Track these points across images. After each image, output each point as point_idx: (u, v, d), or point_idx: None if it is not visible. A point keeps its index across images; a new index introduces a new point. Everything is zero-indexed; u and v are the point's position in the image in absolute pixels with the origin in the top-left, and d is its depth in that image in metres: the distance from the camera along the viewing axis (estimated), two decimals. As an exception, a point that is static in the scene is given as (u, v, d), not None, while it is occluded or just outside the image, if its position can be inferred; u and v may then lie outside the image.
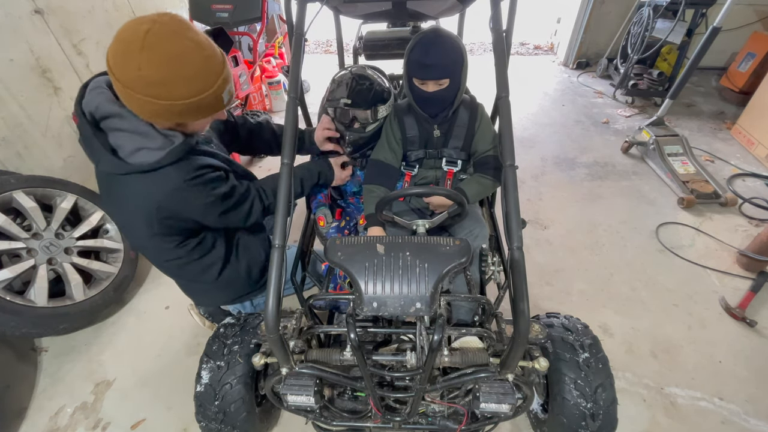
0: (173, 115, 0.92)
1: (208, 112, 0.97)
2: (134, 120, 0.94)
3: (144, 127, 0.95)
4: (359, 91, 1.46)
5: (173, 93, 0.86)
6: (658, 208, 2.52)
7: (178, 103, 0.88)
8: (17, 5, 2.06)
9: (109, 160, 0.94)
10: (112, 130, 0.95)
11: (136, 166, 0.94)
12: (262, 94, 3.66)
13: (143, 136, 0.94)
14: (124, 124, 0.94)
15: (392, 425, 1.10)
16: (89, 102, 0.95)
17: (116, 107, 0.93)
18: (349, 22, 2.12)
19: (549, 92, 4.15)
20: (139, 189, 0.98)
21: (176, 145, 0.97)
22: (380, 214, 1.30)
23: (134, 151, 0.94)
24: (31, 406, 1.60)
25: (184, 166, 1.01)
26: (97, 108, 0.93)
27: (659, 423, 1.48)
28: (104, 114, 0.93)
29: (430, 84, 1.31)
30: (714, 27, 2.43)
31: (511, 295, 0.84)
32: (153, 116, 0.92)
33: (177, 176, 0.99)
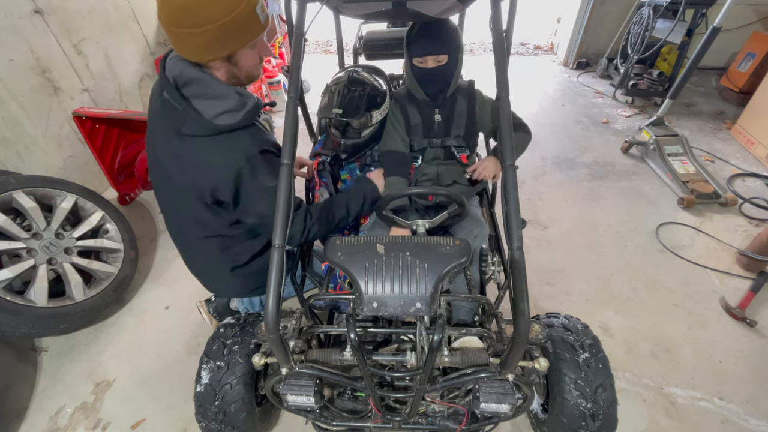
0: (218, 44, 0.97)
1: (249, 34, 1.00)
2: (213, 83, 1.03)
3: (222, 89, 1.03)
4: (351, 100, 1.45)
5: (209, 14, 0.91)
6: (658, 208, 2.52)
7: (216, 26, 0.92)
8: (17, 5, 2.06)
9: (196, 119, 1.01)
10: (194, 98, 1.03)
11: (220, 127, 1.02)
12: (262, 94, 3.66)
13: (222, 99, 1.03)
14: (204, 89, 1.02)
15: (392, 425, 1.10)
16: (172, 67, 1.03)
17: (198, 71, 1.02)
18: (349, 22, 2.11)
19: (549, 92, 4.15)
20: (220, 149, 1.04)
21: (249, 107, 1.07)
22: (380, 214, 1.30)
23: (216, 115, 1.02)
24: (31, 406, 1.60)
25: (258, 134, 1.11)
26: (181, 72, 1.01)
27: (659, 423, 1.48)
28: (187, 79, 1.01)
29: (430, 60, 1.37)
30: (714, 27, 2.43)
31: (511, 295, 0.84)
32: (203, 51, 0.98)
33: (253, 143, 1.07)
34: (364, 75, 1.54)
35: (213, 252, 1.30)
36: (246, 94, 1.09)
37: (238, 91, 1.06)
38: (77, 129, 2.29)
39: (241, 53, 1.03)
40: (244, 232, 1.26)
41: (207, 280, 1.46)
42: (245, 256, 1.32)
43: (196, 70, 1.02)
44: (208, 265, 1.38)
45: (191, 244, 1.32)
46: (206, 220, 1.19)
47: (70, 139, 2.44)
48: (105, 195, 2.11)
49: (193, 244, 1.31)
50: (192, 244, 1.31)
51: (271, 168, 1.10)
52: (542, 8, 5.61)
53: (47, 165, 2.31)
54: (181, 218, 1.26)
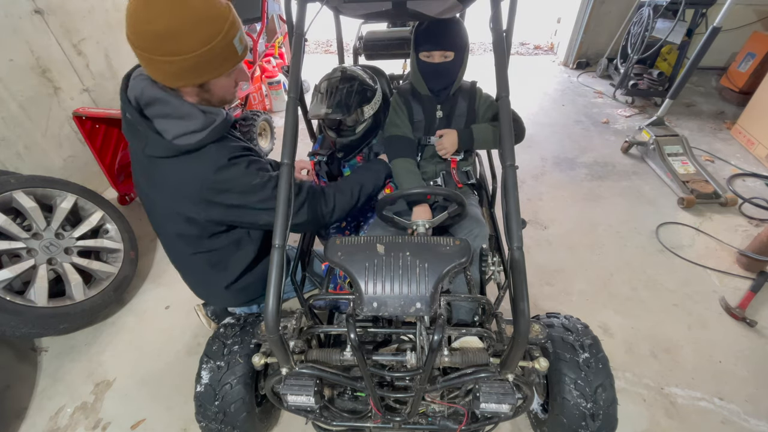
0: (191, 73, 0.94)
1: (224, 65, 0.98)
2: (176, 102, 0.98)
3: (186, 108, 0.99)
4: (340, 98, 1.44)
5: (184, 44, 0.88)
6: (658, 208, 2.52)
7: (191, 56, 0.90)
8: (17, 5, 2.06)
9: (158, 142, 0.98)
10: (157, 117, 0.99)
11: (182, 147, 0.98)
12: (262, 94, 3.66)
13: (186, 119, 0.99)
14: (167, 109, 0.98)
15: (392, 425, 1.10)
16: (134, 87, 0.99)
17: (159, 91, 0.98)
18: (349, 22, 2.12)
19: (549, 92, 4.16)
20: (186, 169, 1.01)
21: (217, 123, 1.02)
22: (380, 214, 1.30)
23: (179, 135, 0.98)
24: (31, 406, 1.60)
25: (226, 145, 1.06)
26: (142, 92, 0.98)
27: (659, 423, 1.48)
28: (149, 99, 0.98)
29: (436, 55, 1.38)
30: (714, 27, 2.43)
31: (511, 295, 0.83)
32: (175, 78, 0.95)
33: (220, 154, 1.03)
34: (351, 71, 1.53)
35: (203, 268, 1.29)
36: (212, 111, 1.04)
37: (203, 110, 1.01)
38: (77, 129, 2.29)
39: (215, 81, 1.01)
40: (230, 244, 1.24)
41: (202, 294, 1.47)
42: (236, 271, 1.30)
43: (159, 90, 0.98)
44: (201, 281, 1.38)
45: (182, 261, 1.32)
46: (190, 235, 1.17)
47: (70, 139, 2.44)
48: (105, 195, 2.11)
49: (183, 261, 1.31)
50: (183, 260, 1.31)
51: (247, 168, 1.06)
52: (542, 8, 5.62)
53: (47, 165, 2.31)
54: (168, 235, 1.24)
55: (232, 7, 0.95)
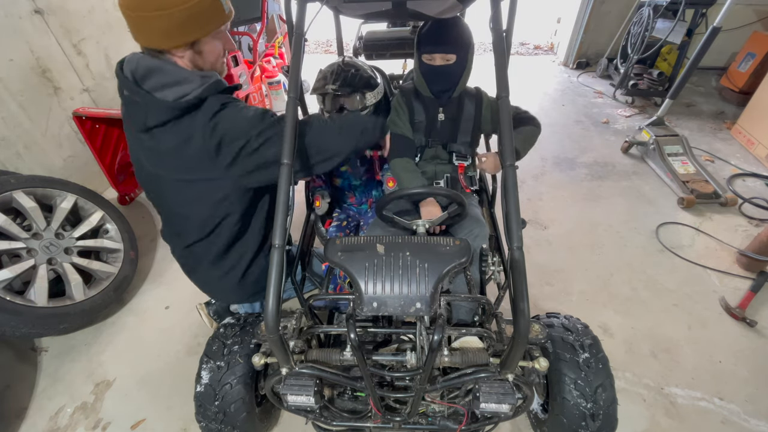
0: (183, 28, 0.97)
1: (213, 21, 1.01)
2: (173, 69, 1.00)
3: (182, 73, 1.01)
4: (345, 78, 1.46)
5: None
6: (658, 208, 2.52)
7: (181, 9, 0.93)
8: (17, 5, 2.06)
9: (160, 106, 1.00)
10: (155, 90, 1.00)
11: (183, 104, 1.00)
12: (262, 94, 3.66)
13: (183, 84, 1.00)
14: (164, 78, 1.00)
15: (392, 425, 1.10)
16: (130, 62, 1.01)
17: (155, 61, 1.00)
18: (349, 22, 2.12)
19: (549, 92, 4.16)
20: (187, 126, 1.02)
21: (212, 80, 1.04)
22: (380, 213, 1.30)
23: (178, 98, 1.00)
24: (31, 406, 1.60)
25: (222, 97, 1.07)
26: (138, 65, 1.00)
27: (659, 423, 1.48)
28: (145, 70, 0.99)
29: (437, 58, 1.37)
30: (714, 27, 2.43)
31: (511, 295, 0.83)
32: (167, 36, 0.96)
33: (215, 103, 1.04)
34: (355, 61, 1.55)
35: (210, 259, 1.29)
36: (208, 74, 1.06)
37: (200, 74, 1.04)
38: (77, 129, 2.29)
39: (205, 42, 1.03)
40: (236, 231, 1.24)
41: (206, 289, 1.47)
42: (242, 265, 1.31)
43: (154, 59, 1.00)
44: (206, 275, 1.38)
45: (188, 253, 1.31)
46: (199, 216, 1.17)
47: (70, 139, 2.44)
48: (105, 195, 2.11)
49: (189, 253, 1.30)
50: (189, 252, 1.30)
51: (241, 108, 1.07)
52: (542, 8, 5.62)
53: (47, 165, 2.31)
54: (174, 218, 1.25)
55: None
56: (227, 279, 1.34)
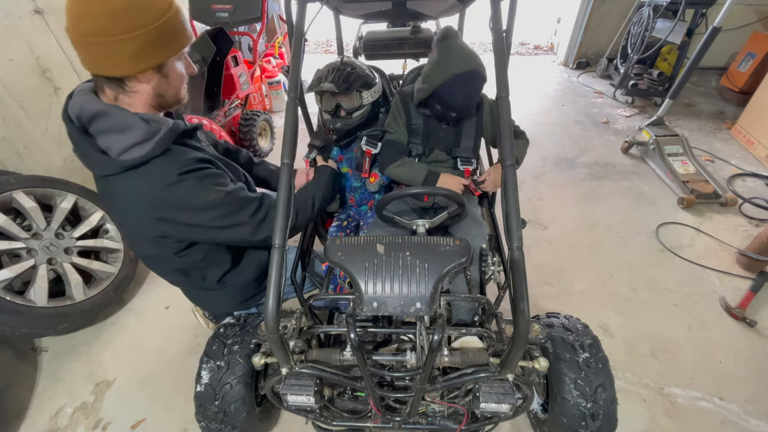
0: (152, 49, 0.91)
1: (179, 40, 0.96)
2: (118, 114, 0.93)
3: (128, 119, 0.93)
4: (342, 76, 1.45)
5: (143, 16, 0.87)
6: (658, 208, 2.52)
7: (151, 29, 0.88)
8: (17, 5, 2.06)
9: (102, 160, 0.94)
10: (100, 134, 0.95)
11: (127, 162, 0.93)
12: (262, 94, 3.66)
13: (128, 131, 0.93)
14: (108, 123, 0.93)
15: (392, 425, 1.10)
16: (73, 106, 0.95)
17: (99, 104, 0.94)
18: (349, 22, 2.12)
19: (549, 92, 4.16)
20: (133, 186, 0.97)
21: (162, 133, 0.96)
22: (380, 213, 1.30)
23: (124, 149, 0.93)
24: (31, 406, 1.60)
25: (176, 157, 0.99)
26: (82, 109, 0.94)
27: (659, 423, 1.48)
28: (90, 114, 0.93)
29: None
30: (714, 27, 2.43)
31: (511, 295, 0.83)
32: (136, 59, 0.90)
33: (169, 168, 0.96)
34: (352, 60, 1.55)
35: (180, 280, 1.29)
36: (157, 120, 0.97)
37: (145, 119, 0.95)
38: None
39: (171, 64, 0.97)
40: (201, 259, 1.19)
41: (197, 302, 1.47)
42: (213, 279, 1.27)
43: (99, 103, 0.94)
44: (185, 290, 1.38)
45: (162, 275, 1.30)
46: (156, 255, 1.14)
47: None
48: (105, 195, 2.11)
49: (163, 275, 1.29)
50: (162, 274, 1.29)
51: (200, 183, 1.00)
52: (542, 8, 5.62)
53: (47, 165, 2.30)
54: (138, 254, 1.22)
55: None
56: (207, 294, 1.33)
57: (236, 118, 2.94)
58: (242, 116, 2.95)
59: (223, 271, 1.27)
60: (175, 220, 1.01)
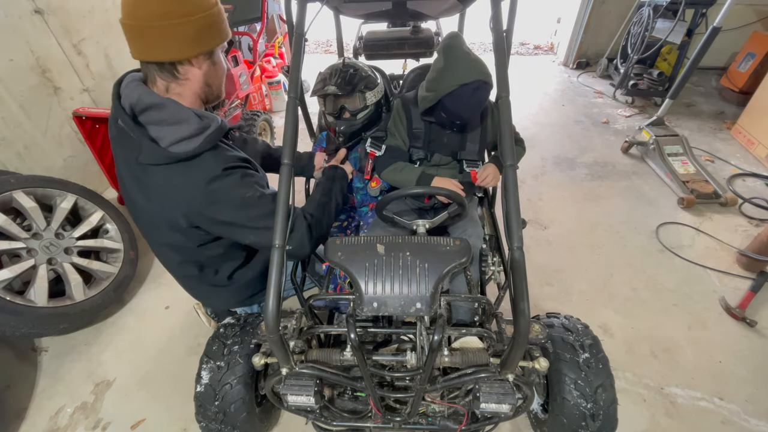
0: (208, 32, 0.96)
1: (224, 29, 1.02)
2: (173, 107, 0.97)
3: (183, 113, 0.98)
4: (344, 78, 1.46)
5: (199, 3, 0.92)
6: (658, 208, 2.52)
7: (207, 14, 0.93)
8: (17, 5, 2.06)
9: (152, 149, 0.96)
10: (152, 124, 0.98)
11: (177, 155, 0.96)
12: (262, 94, 3.66)
13: (181, 124, 0.97)
14: (163, 114, 0.97)
15: (392, 425, 1.10)
16: (129, 95, 0.98)
17: (157, 97, 0.97)
18: (349, 22, 2.12)
19: (549, 92, 4.16)
20: (178, 177, 0.99)
21: (212, 129, 1.00)
22: (380, 214, 1.30)
23: (174, 142, 0.97)
24: (31, 406, 1.60)
25: (221, 153, 1.03)
26: (139, 99, 0.96)
27: (659, 423, 1.48)
28: (146, 105, 0.96)
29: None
30: (714, 27, 2.43)
31: (511, 295, 0.84)
32: (192, 43, 0.95)
33: (215, 163, 1.00)
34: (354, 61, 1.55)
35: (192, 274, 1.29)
36: (208, 116, 1.02)
37: (198, 114, 1.00)
38: (77, 129, 2.29)
39: (218, 52, 1.03)
40: (219, 254, 1.22)
41: (196, 296, 1.46)
42: (225, 274, 1.29)
43: (155, 95, 0.97)
44: (194, 285, 1.38)
45: (172, 268, 1.31)
46: (179, 245, 1.15)
47: (70, 139, 2.44)
48: (105, 195, 2.11)
49: (174, 268, 1.30)
50: (173, 268, 1.30)
51: (242, 180, 1.04)
52: (542, 8, 5.62)
53: (47, 165, 2.31)
54: (155, 242, 1.23)
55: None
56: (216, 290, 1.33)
57: (236, 118, 2.94)
58: (242, 116, 2.95)
59: (234, 266, 1.29)
60: (210, 213, 1.03)
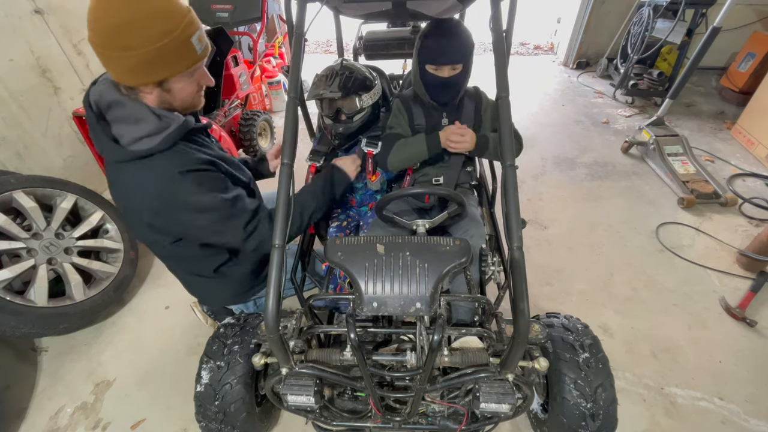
0: (148, 68, 0.93)
1: (182, 62, 0.97)
2: (132, 106, 0.98)
3: (141, 112, 0.98)
4: (341, 81, 1.46)
5: (139, 37, 0.87)
6: (658, 208, 2.52)
7: (146, 50, 0.89)
8: (17, 5, 2.06)
9: (111, 147, 0.99)
10: (115, 122, 0.99)
11: (135, 153, 0.97)
12: (262, 94, 3.66)
13: (140, 123, 0.97)
14: (123, 112, 0.98)
15: (392, 425, 1.10)
16: (94, 92, 1.00)
17: (117, 95, 0.98)
18: (349, 22, 2.12)
19: (549, 92, 4.15)
20: (138, 176, 1.00)
21: (171, 129, 0.99)
22: (380, 213, 1.30)
23: (134, 140, 0.98)
24: (31, 406, 1.60)
25: (179, 155, 1.02)
26: (101, 96, 0.98)
27: (659, 423, 1.48)
28: (107, 102, 0.98)
29: (446, 69, 1.34)
30: (714, 27, 2.43)
31: (511, 295, 0.84)
32: (131, 75, 0.94)
33: (170, 165, 1.00)
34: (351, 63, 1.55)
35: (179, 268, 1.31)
36: (169, 116, 1.01)
37: (158, 114, 0.99)
38: (77, 129, 2.29)
39: (175, 81, 0.99)
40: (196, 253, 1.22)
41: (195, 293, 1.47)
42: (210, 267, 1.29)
43: (116, 93, 0.98)
44: (183, 279, 1.39)
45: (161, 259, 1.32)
46: (154, 241, 1.16)
47: (70, 139, 2.44)
48: (105, 195, 2.10)
49: (162, 260, 1.32)
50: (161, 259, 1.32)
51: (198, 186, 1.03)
52: (542, 8, 5.62)
53: (47, 165, 2.31)
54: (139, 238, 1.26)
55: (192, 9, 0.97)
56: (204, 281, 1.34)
57: (236, 118, 2.94)
58: (242, 116, 2.95)
59: (219, 262, 1.29)
60: (168, 215, 1.05)
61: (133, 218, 1.11)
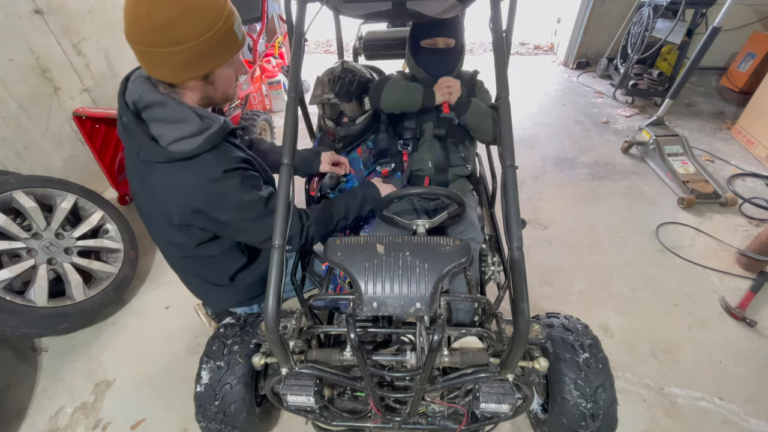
0: (196, 62, 0.92)
1: (228, 51, 0.97)
2: (174, 106, 0.97)
3: (183, 112, 0.97)
4: (342, 85, 1.47)
5: (187, 31, 0.87)
6: (658, 208, 2.52)
7: (195, 43, 0.88)
8: (17, 5, 2.06)
9: (151, 147, 0.97)
10: (154, 121, 0.98)
11: (176, 154, 0.97)
12: (262, 94, 3.66)
13: (182, 123, 0.97)
14: (164, 113, 0.97)
15: (392, 425, 1.10)
16: (132, 91, 0.98)
17: (158, 95, 0.97)
18: (349, 22, 2.12)
19: (549, 92, 4.16)
20: (177, 176, 1.00)
21: (213, 130, 1.00)
22: (380, 214, 1.30)
23: (174, 140, 0.97)
24: (31, 406, 1.60)
25: (222, 154, 1.03)
26: (141, 97, 0.97)
27: (659, 423, 1.48)
28: (147, 103, 0.96)
29: (440, 41, 1.44)
30: (714, 27, 2.43)
31: (511, 295, 0.83)
32: (180, 71, 0.93)
33: (215, 164, 1.00)
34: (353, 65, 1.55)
35: (193, 271, 1.30)
36: (210, 117, 1.02)
37: (200, 114, 0.99)
38: (77, 129, 2.29)
39: (219, 72, 0.99)
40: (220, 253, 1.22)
41: (201, 296, 1.47)
42: (229, 273, 1.29)
43: (157, 93, 0.97)
44: (195, 283, 1.38)
45: (173, 264, 1.32)
46: (179, 242, 1.16)
47: (70, 139, 2.44)
48: (105, 195, 2.11)
49: (174, 264, 1.31)
50: (174, 263, 1.31)
51: (242, 184, 1.04)
52: (542, 8, 5.62)
53: (47, 165, 2.31)
54: (158, 239, 1.24)
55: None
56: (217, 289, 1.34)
57: (236, 118, 2.94)
58: (242, 116, 2.95)
59: (236, 268, 1.30)
60: (208, 213, 1.04)
61: (163, 218, 1.09)
